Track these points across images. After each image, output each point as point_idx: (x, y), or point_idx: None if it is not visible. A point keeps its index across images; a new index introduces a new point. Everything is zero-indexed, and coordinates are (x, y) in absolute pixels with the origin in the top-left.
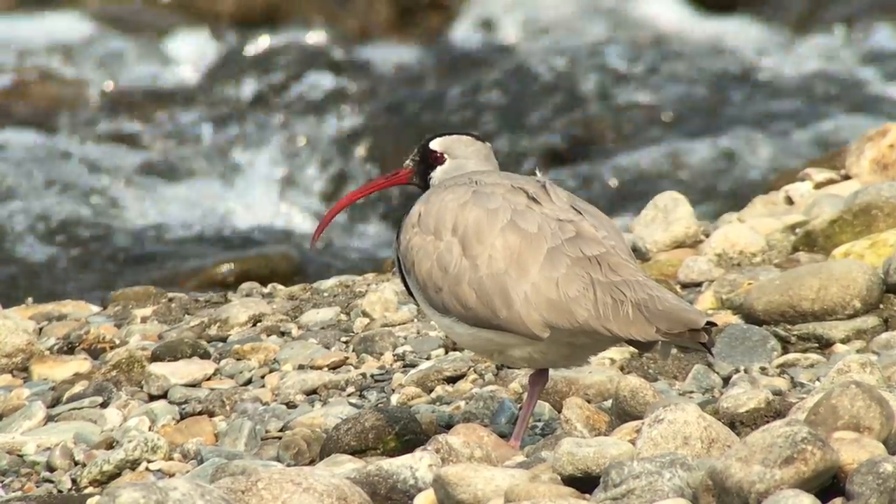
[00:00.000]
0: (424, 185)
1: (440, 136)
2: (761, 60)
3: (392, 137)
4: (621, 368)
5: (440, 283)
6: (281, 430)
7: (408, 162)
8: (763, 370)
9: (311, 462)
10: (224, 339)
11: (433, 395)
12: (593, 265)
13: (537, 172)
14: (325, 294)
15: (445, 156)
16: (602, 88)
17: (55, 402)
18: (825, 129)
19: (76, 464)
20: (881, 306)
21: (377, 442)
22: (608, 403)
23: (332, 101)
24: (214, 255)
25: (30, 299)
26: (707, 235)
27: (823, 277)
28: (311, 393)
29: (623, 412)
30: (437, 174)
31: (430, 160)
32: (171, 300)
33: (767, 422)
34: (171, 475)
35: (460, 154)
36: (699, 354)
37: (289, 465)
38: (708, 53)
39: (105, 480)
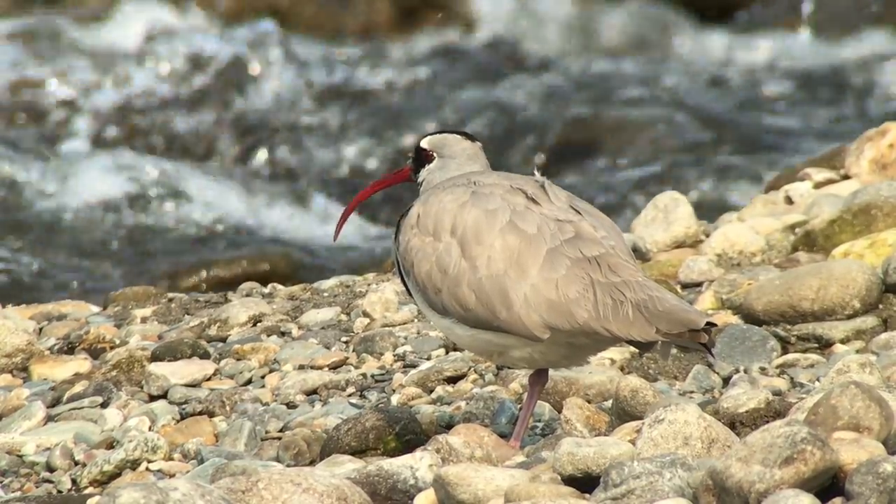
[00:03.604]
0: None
1: (431, 134)
2: (756, 64)
3: (393, 137)
4: (621, 369)
5: (439, 285)
6: (281, 431)
7: (407, 160)
8: (763, 370)
9: (312, 462)
10: (224, 340)
11: (433, 395)
12: (593, 266)
13: (536, 172)
14: (326, 294)
15: (434, 154)
16: (602, 89)
17: (55, 402)
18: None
19: (76, 464)
20: (881, 306)
21: (377, 442)
22: (608, 404)
23: (334, 101)
24: (214, 255)
25: None
26: (707, 235)
27: (823, 277)
28: (312, 393)
29: (623, 412)
30: (423, 173)
31: (423, 158)
32: (171, 300)
33: (767, 422)
34: (172, 475)
35: (447, 153)
36: (699, 354)
37: (289, 466)
38: (707, 60)
39: (105, 480)
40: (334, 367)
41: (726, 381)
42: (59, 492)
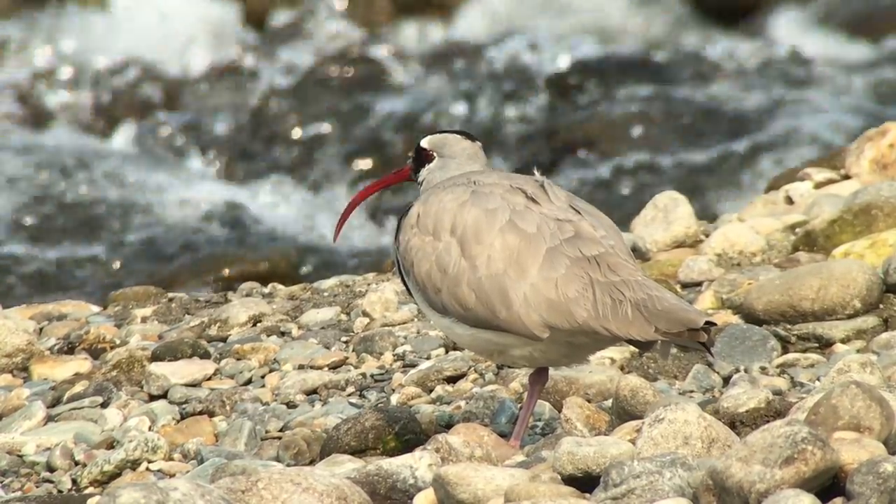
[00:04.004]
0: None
1: (432, 133)
2: (755, 66)
3: (393, 136)
4: (621, 368)
5: (439, 284)
6: (281, 430)
7: (408, 160)
8: (763, 370)
9: (311, 462)
10: (224, 339)
11: (433, 394)
12: (592, 265)
13: (536, 172)
14: (326, 294)
15: (434, 153)
16: (601, 90)
17: (55, 402)
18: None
19: (76, 464)
20: (881, 306)
21: (377, 442)
22: (608, 403)
23: (334, 100)
24: (215, 255)
25: None
26: (707, 235)
27: (823, 277)
28: (311, 393)
29: (623, 412)
30: (423, 172)
31: (423, 158)
32: (171, 300)
33: (767, 422)
34: (172, 475)
35: (447, 153)
36: (699, 354)
37: (289, 465)
38: (706, 60)
39: (105, 480)
40: (334, 366)
41: (726, 380)
42: (60, 492)
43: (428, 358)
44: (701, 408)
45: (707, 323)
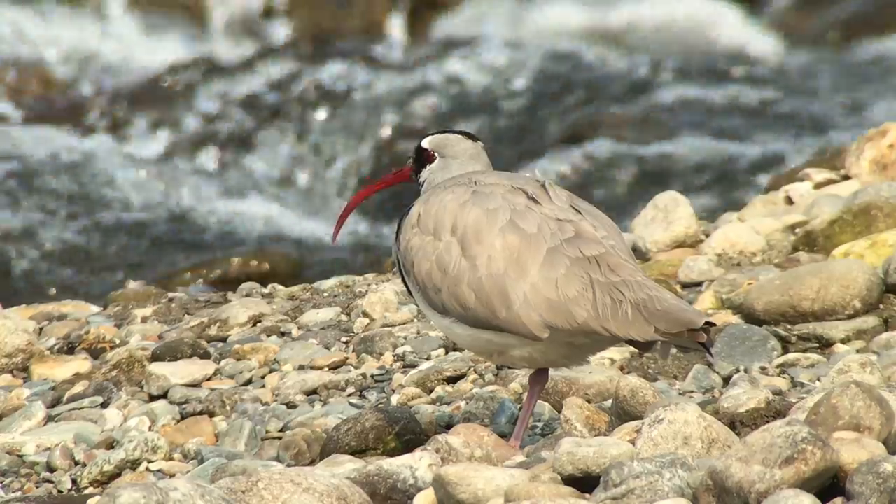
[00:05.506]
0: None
1: (433, 134)
2: (762, 56)
3: (393, 136)
4: (621, 368)
5: (439, 284)
6: (281, 431)
7: (408, 160)
8: (763, 370)
9: (312, 462)
10: (224, 339)
11: (433, 395)
12: (592, 265)
13: (536, 172)
14: (326, 294)
15: (435, 154)
16: (602, 88)
17: (55, 403)
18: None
19: (76, 464)
20: (881, 306)
21: (377, 442)
22: (608, 403)
23: (334, 100)
24: (215, 255)
25: None
26: (707, 235)
27: (823, 277)
28: (311, 393)
29: (623, 412)
30: (425, 173)
31: (424, 158)
32: (171, 300)
33: (767, 422)
34: (172, 475)
35: (448, 153)
36: (699, 354)
37: (289, 466)
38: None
39: (105, 481)
40: (334, 367)
41: (726, 380)
42: (60, 492)
43: (428, 358)
44: (701, 408)
45: (706, 323)
